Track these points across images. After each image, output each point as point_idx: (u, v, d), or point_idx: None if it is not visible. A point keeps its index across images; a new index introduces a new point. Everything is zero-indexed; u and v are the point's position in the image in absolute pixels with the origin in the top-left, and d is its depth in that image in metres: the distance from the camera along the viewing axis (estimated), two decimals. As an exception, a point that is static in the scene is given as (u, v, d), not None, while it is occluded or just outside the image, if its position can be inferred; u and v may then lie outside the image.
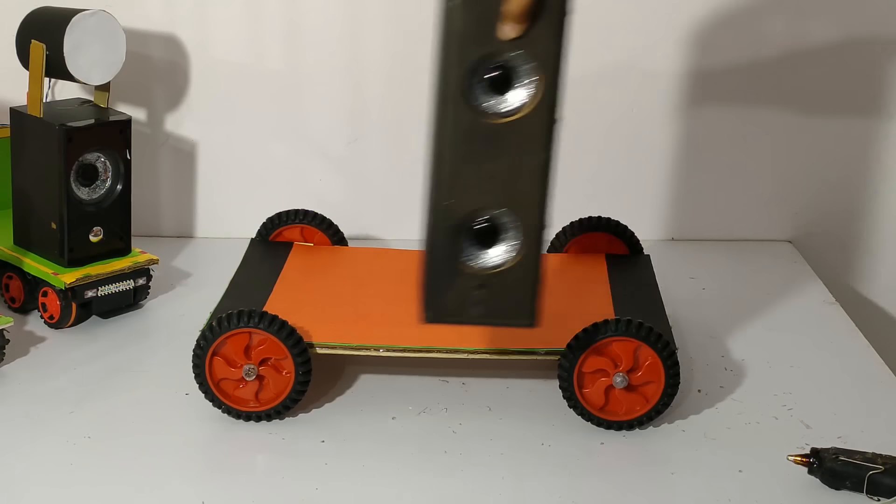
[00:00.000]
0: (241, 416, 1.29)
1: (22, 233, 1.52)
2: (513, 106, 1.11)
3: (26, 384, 1.36)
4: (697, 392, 1.37)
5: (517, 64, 1.10)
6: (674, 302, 1.54)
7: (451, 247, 1.14)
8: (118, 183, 1.51)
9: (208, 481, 1.20)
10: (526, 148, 1.11)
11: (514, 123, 1.11)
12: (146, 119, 1.74)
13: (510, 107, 1.11)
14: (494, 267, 1.15)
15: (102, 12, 1.49)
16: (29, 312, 1.52)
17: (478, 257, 1.15)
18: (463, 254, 1.14)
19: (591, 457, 1.25)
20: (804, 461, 1.19)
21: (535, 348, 1.29)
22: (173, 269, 1.66)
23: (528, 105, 1.11)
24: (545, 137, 1.11)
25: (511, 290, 1.15)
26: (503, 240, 1.15)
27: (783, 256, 1.76)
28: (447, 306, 1.15)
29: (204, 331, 1.28)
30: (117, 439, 1.26)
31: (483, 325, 1.19)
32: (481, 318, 1.16)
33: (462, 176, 1.11)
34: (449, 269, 1.14)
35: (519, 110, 1.11)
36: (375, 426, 1.29)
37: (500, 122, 1.11)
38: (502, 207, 1.12)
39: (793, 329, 1.53)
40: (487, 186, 1.12)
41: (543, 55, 1.09)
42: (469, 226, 1.14)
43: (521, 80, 1.11)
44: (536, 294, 1.16)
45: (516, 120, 1.11)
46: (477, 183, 1.11)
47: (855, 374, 1.42)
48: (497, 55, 1.09)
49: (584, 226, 1.53)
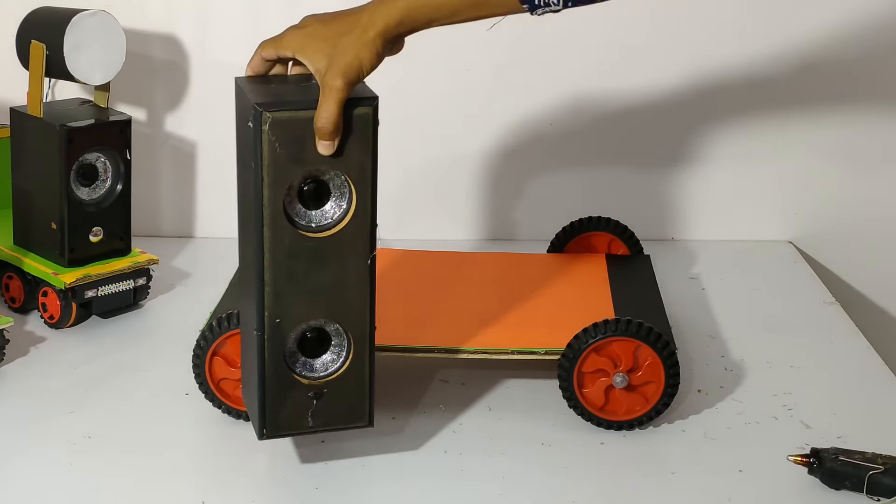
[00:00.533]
0: (241, 416, 1.29)
1: (22, 233, 1.52)
2: (331, 219, 1.12)
3: (26, 384, 1.36)
4: (697, 392, 1.37)
5: (330, 177, 1.11)
6: (674, 302, 1.54)
7: (284, 363, 1.15)
8: (118, 183, 1.51)
9: (208, 481, 1.20)
10: (348, 258, 1.13)
11: (334, 236, 1.12)
12: (146, 119, 1.74)
13: (328, 220, 1.12)
14: (327, 376, 1.16)
15: (102, 12, 1.49)
16: (29, 312, 1.52)
17: (311, 368, 1.16)
18: (296, 367, 1.16)
19: (591, 457, 1.25)
20: (804, 461, 1.19)
21: (535, 348, 1.29)
22: (173, 269, 1.66)
23: (346, 217, 1.12)
24: (366, 245, 1.13)
25: (347, 396, 1.17)
26: (333, 348, 1.17)
27: (783, 256, 1.76)
28: (285, 420, 1.16)
29: (204, 331, 1.28)
30: (117, 439, 1.26)
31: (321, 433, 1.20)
32: (320, 427, 1.17)
33: (287, 294, 1.12)
34: (282, 384, 1.15)
35: (338, 223, 1.12)
36: (375, 426, 1.29)
37: (319, 235, 1.12)
38: (330, 318, 1.14)
39: (793, 329, 1.53)
40: (313, 300, 1.13)
41: (357, 167, 1.10)
42: (300, 339, 1.15)
43: (336, 192, 1.12)
44: (370, 396, 1.18)
45: (336, 233, 1.12)
46: (303, 298, 1.13)
47: (855, 374, 1.42)
48: (314, 172, 1.10)
49: (584, 226, 1.53)
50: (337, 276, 1.13)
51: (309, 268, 1.12)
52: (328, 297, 1.13)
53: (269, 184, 1.09)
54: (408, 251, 1.54)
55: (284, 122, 1.08)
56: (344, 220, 1.12)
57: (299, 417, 1.16)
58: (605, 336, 1.26)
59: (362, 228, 1.12)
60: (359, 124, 1.10)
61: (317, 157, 1.10)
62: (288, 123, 1.08)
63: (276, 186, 1.09)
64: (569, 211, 1.62)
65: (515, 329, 1.33)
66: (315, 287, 1.13)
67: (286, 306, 1.13)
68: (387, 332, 1.32)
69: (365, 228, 1.12)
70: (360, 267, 1.13)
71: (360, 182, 1.11)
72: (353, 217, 1.12)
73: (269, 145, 1.08)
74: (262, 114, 1.08)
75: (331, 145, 1.09)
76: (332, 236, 1.12)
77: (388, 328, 1.33)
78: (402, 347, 1.30)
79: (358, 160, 1.11)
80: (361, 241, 1.13)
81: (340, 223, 1.12)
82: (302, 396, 1.16)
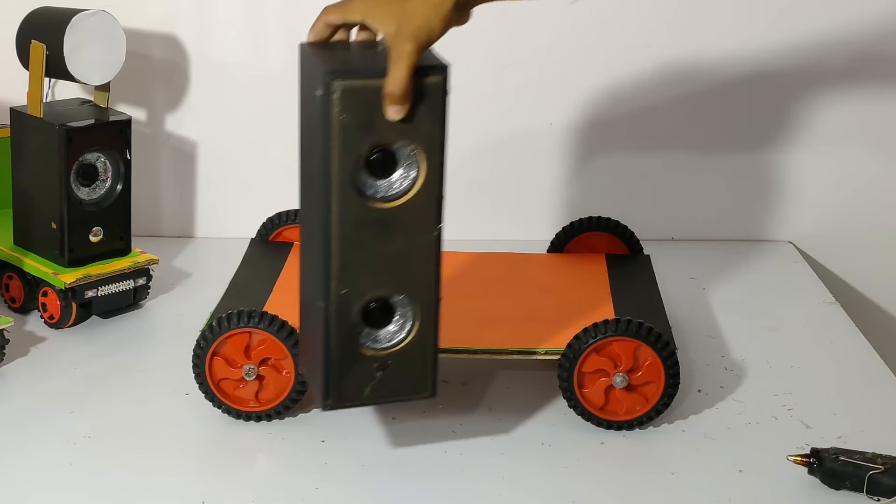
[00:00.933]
0: (241, 416, 1.29)
1: (22, 233, 1.52)
2: (398, 189, 1.11)
3: (26, 384, 1.36)
4: (697, 392, 1.37)
5: (399, 146, 1.10)
6: (674, 302, 1.54)
7: (349, 334, 1.13)
8: (118, 183, 1.51)
9: (208, 481, 1.20)
10: (415, 229, 1.11)
11: (401, 207, 1.11)
12: (146, 119, 1.74)
13: (395, 191, 1.11)
14: (392, 347, 1.15)
15: (102, 12, 1.49)
16: (29, 312, 1.52)
17: (375, 340, 1.15)
18: (361, 339, 1.14)
19: (591, 457, 1.25)
20: (804, 461, 1.19)
21: (535, 348, 1.29)
22: (173, 269, 1.66)
23: (414, 187, 1.11)
24: (434, 216, 1.12)
25: (410, 366, 1.16)
26: (398, 319, 1.15)
27: (783, 256, 1.76)
28: (348, 392, 1.15)
29: (204, 331, 1.28)
30: (117, 439, 1.26)
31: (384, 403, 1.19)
32: (383, 399, 1.16)
33: (353, 265, 1.11)
34: (348, 355, 1.14)
35: (405, 193, 1.11)
36: (375, 426, 1.29)
37: (387, 206, 1.11)
38: (396, 290, 1.13)
39: (793, 329, 1.53)
40: (380, 271, 1.12)
41: (426, 136, 1.09)
42: (364, 310, 1.13)
43: (405, 162, 1.11)
44: (434, 367, 1.17)
45: (403, 203, 1.11)
46: (369, 270, 1.11)
47: (855, 374, 1.42)
48: (383, 141, 1.09)
49: (584, 226, 1.53)
50: (404, 247, 1.11)
51: (376, 239, 1.11)
52: (394, 269, 1.12)
53: (337, 154, 1.07)
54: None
55: (355, 90, 1.06)
56: (412, 191, 1.11)
57: (363, 388, 1.14)
58: (605, 336, 1.26)
59: (430, 199, 1.11)
60: (430, 93, 1.08)
61: (387, 126, 1.08)
62: (359, 91, 1.06)
63: (345, 156, 1.08)
64: (569, 211, 1.62)
65: (515, 329, 1.33)
66: (382, 258, 1.11)
67: (352, 278, 1.11)
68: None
69: (433, 199, 1.11)
70: (426, 238, 1.12)
71: (429, 152, 1.10)
72: (422, 188, 1.11)
73: (338, 114, 1.06)
74: (333, 82, 1.05)
75: (401, 110, 1.08)
76: (399, 207, 1.11)
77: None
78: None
79: (427, 129, 1.09)
80: (430, 212, 1.11)
81: (408, 194, 1.11)
82: (366, 368, 1.14)
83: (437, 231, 1.12)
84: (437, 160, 1.10)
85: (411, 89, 1.07)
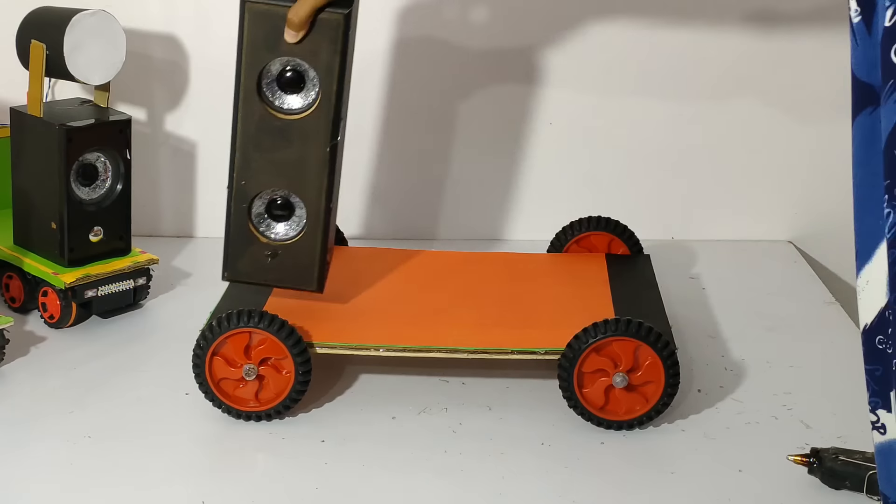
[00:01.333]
0: (241, 416, 1.29)
1: (22, 233, 1.52)
2: (300, 105, 1.29)
3: (26, 384, 1.36)
4: (697, 392, 1.37)
5: (305, 69, 1.27)
6: (674, 302, 1.54)
7: (245, 219, 1.32)
8: (118, 183, 1.51)
9: (208, 481, 1.20)
10: (310, 142, 1.29)
11: (299, 120, 1.28)
12: (146, 119, 1.74)
13: (297, 106, 1.29)
14: (283, 239, 1.33)
15: (102, 12, 1.49)
16: (29, 312, 1.52)
17: (271, 229, 1.33)
18: (256, 226, 1.32)
19: (591, 457, 1.25)
20: (804, 461, 1.19)
21: (535, 348, 1.29)
22: (173, 269, 1.66)
23: (312, 105, 1.28)
24: (326, 134, 1.28)
25: (298, 260, 1.33)
26: (295, 218, 1.33)
27: (783, 256, 1.76)
28: (243, 268, 1.34)
29: (204, 331, 1.28)
30: (117, 439, 1.26)
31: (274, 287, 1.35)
32: (272, 282, 1.34)
33: (253, 161, 1.30)
34: (244, 237, 1.33)
35: (305, 110, 1.28)
36: (375, 426, 1.29)
37: (288, 118, 1.29)
38: (289, 190, 1.31)
39: (793, 329, 1.53)
40: (277, 171, 1.30)
41: (324, 64, 1.26)
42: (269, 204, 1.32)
43: (309, 83, 1.28)
44: (319, 265, 1.33)
45: (301, 118, 1.28)
46: (267, 168, 1.30)
47: (855, 374, 1.42)
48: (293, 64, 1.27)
49: (584, 226, 1.53)
50: (300, 155, 1.29)
51: (275, 143, 1.29)
52: (290, 172, 1.30)
53: (245, 64, 1.27)
54: (408, 251, 1.54)
55: (262, 12, 1.25)
56: (310, 109, 1.28)
57: (256, 269, 1.33)
58: (605, 336, 1.26)
59: (325, 119, 1.28)
60: (330, 26, 1.25)
61: (288, 49, 1.26)
62: (265, 14, 1.25)
63: (251, 67, 1.27)
64: (569, 211, 1.62)
65: (515, 329, 1.33)
66: (279, 161, 1.30)
67: (251, 171, 1.30)
68: (387, 331, 1.32)
69: (327, 119, 1.28)
70: (320, 151, 1.29)
71: (327, 78, 1.26)
72: (317, 107, 1.28)
73: (248, 31, 1.26)
74: (246, 4, 1.25)
75: (295, 35, 1.24)
76: (297, 120, 1.28)
77: (388, 328, 1.33)
78: (402, 347, 1.30)
79: (325, 58, 1.26)
80: (323, 129, 1.28)
81: (308, 111, 1.28)
82: (260, 252, 1.33)
83: (329, 146, 1.28)
84: (333, 86, 1.27)
85: (308, 20, 1.24)
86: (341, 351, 1.30)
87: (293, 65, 1.27)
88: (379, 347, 1.30)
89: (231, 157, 1.30)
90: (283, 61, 1.27)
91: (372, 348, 1.30)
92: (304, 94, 1.28)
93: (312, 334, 1.30)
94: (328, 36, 1.25)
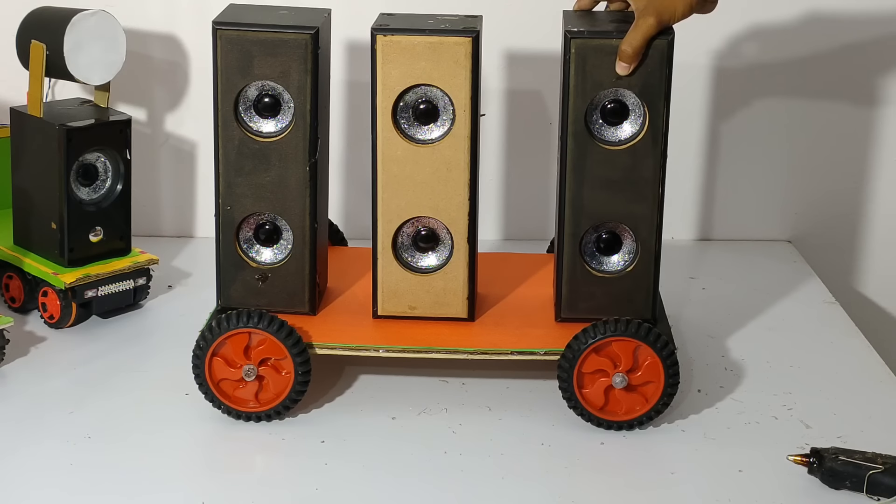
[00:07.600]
0: (241, 416, 1.29)
1: (22, 233, 1.52)
2: (276, 127, 1.30)
3: (26, 384, 1.36)
4: (697, 392, 1.37)
5: (279, 92, 1.29)
6: (674, 302, 1.54)
7: (234, 245, 1.32)
8: (118, 183, 1.51)
9: (208, 481, 1.20)
10: (289, 162, 1.30)
11: (278, 142, 1.29)
12: (146, 119, 1.74)
13: (274, 128, 1.30)
14: (272, 263, 1.33)
15: (102, 12, 1.50)
16: (29, 312, 1.52)
17: (259, 255, 1.33)
18: (244, 251, 1.33)
19: (591, 457, 1.25)
20: (804, 461, 1.19)
21: (535, 348, 1.29)
22: (173, 269, 1.66)
23: (289, 126, 1.29)
24: (304, 153, 1.29)
25: (288, 284, 1.33)
26: (282, 242, 1.33)
27: (783, 256, 1.76)
28: (235, 295, 1.33)
29: (204, 331, 1.28)
30: (117, 439, 1.26)
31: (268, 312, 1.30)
32: (265, 306, 1.32)
33: (236, 186, 1.31)
34: (234, 263, 1.33)
35: (283, 131, 1.29)
36: (375, 426, 1.29)
37: (266, 140, 1.29)
38: (274, 213, 1.31)
39: (793, 329, 1.53)
40: (259, 195, 1.31)
41: (296, 83, 1.27)
42: (251, 228, 1.33)
43: (284, 105, 1.29)
44: (310, 287, 1.33)
45: (279, 140, 1.29)
46: (250, 192, 1.31)
47: (855, 374, 1.42)
48: (259, 86, 1.29)
49: (584, 226, 1.53)
50: (280, 176, 1.30)
51: (255, 167, 1.30)
52: (272, 194, 1.31)
53: (221, 90, 1.29)
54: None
55: (233, 38, 1.27)
56: (287, 131, 1.29)
57: (248, 295, 1.33)
58: (604, 336, 1.26)
59: (301, 139, 1.29)
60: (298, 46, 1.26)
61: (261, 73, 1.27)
62: (235, 41, 1.26)
63: (227, 93, 1.28)
64: (569, 211, 1.62)
65: (515, 329, 1.33)
66: (261, 184, 1.30)
67: (235, 196, 1.31)
68: (387, 332, 1.32)
69: (304, 139, 1.29)
70: (300, 171, 1.29)
71: (299, 98, 1.28)
72: (293, 128, 1.29)
73: (221, 58, 1.28)
74: (217, 31, 1.27)
75: (628, 68, 1.25)
76: (274, 142, 1.29)
77: (388, 327, 1.33)
78: (402, 347, 1.30)
79: (297, 78, 1.27)
80: (301, 150, 1.29)
81: (284, 133, 1.29)
82: (251, 277, 1.33)
83: (308, 166, 1.29)
84: (306, 105, 1.28)
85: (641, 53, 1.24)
86: (341, 351, 1.30)
87: (268, 89, 1.29)
88: (379, 348, 1.30)
89: (216, 184, 1.31)
90: (258, 86, 1.28)
91: (372, 349, 1.30)
92: (281, 115, 1.29)
93: (312, 334, 1.30)
94: (298, 56, 1.26)
